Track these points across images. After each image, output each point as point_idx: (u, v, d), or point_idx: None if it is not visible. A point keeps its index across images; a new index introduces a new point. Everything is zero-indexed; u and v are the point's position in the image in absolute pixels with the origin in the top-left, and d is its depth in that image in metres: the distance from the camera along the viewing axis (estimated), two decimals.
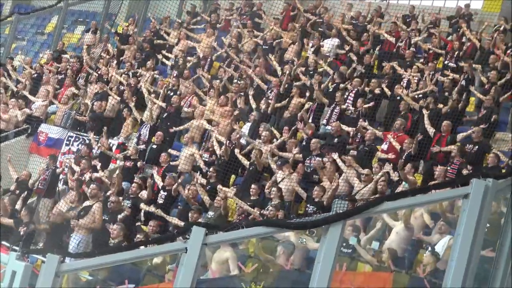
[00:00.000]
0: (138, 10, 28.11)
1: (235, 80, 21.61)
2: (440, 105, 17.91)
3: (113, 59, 24.36)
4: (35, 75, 24.57)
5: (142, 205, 17.05)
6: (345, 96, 19.22)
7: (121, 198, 17.31)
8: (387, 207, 8.47)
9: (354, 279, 10.57)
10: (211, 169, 17.68)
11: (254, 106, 20.00)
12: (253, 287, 10.44)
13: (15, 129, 22.65)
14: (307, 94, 19.77)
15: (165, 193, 17.48)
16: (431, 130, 17.22)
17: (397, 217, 12.60)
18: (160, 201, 17.45)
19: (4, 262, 9.65)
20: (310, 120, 18.95)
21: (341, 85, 19.70)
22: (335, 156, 16.68)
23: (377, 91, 19.21)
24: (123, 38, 25.22)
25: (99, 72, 23.57)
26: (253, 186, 16.66)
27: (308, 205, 15.97)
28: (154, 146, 19.51)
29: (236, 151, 17.97)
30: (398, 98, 18.67)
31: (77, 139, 21.50)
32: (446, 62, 20.52)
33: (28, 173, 19.81)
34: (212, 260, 11.51)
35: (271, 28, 23.77)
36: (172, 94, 21.12)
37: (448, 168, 15.77)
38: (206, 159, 18.63)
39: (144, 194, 17.48)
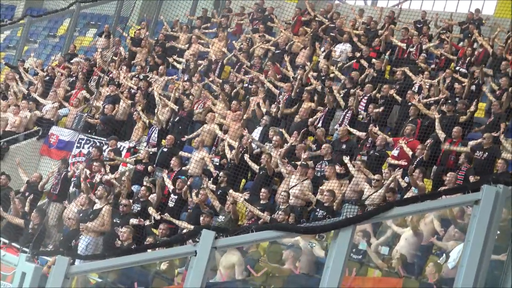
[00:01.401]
0: (150, 13, 28.19)
1: (246, 84, 21.61)
2: (450, 111, 17.83)
3: (124, 62, 24.39)
4: (47, 77, 24.64)
5: (151, 210, 17.06)
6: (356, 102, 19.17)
7: (131, 201, 17.34)
8: (397, 213, 8.45)
9: (363, 284, 10.54)
10: (221, 173, 17.67)
11: (264, 110, 19.99)
12: None
13: (26, 131, 22.72)
14: (317, 98, 19.72)
15: (176, 197, 17.49)
16: (442, 136, 17.13)
17: (405, 223, 12.55)
18: (171, 204, 17.45)
19: (14, 264, 9.68)
20: (320, 125, 18.91)
21: (352, 91, 19.64)
22: (346, 160, 16.66)
23: (391, 92, 19.07)
24: (135, 41, 25.26)
25: (110, 75, 23.60)
26: (263, 190, 16.64)
27: (318, 209, 15.95)
28: (165, 150, 19.50)
29: (246, 156, 17.96)
30: (410, 104, 18.57)
31: (88, 141, 21.53)
32: (457, 68, 20.43)
33: (39, 175, 19.83)
34: (219, 264, 11.50)
35: (282, 35, 23.73)
36: (184, 97, 21.11)
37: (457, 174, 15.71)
38: (217, 163, 18.63)
39: (154, 197, 17.48)
